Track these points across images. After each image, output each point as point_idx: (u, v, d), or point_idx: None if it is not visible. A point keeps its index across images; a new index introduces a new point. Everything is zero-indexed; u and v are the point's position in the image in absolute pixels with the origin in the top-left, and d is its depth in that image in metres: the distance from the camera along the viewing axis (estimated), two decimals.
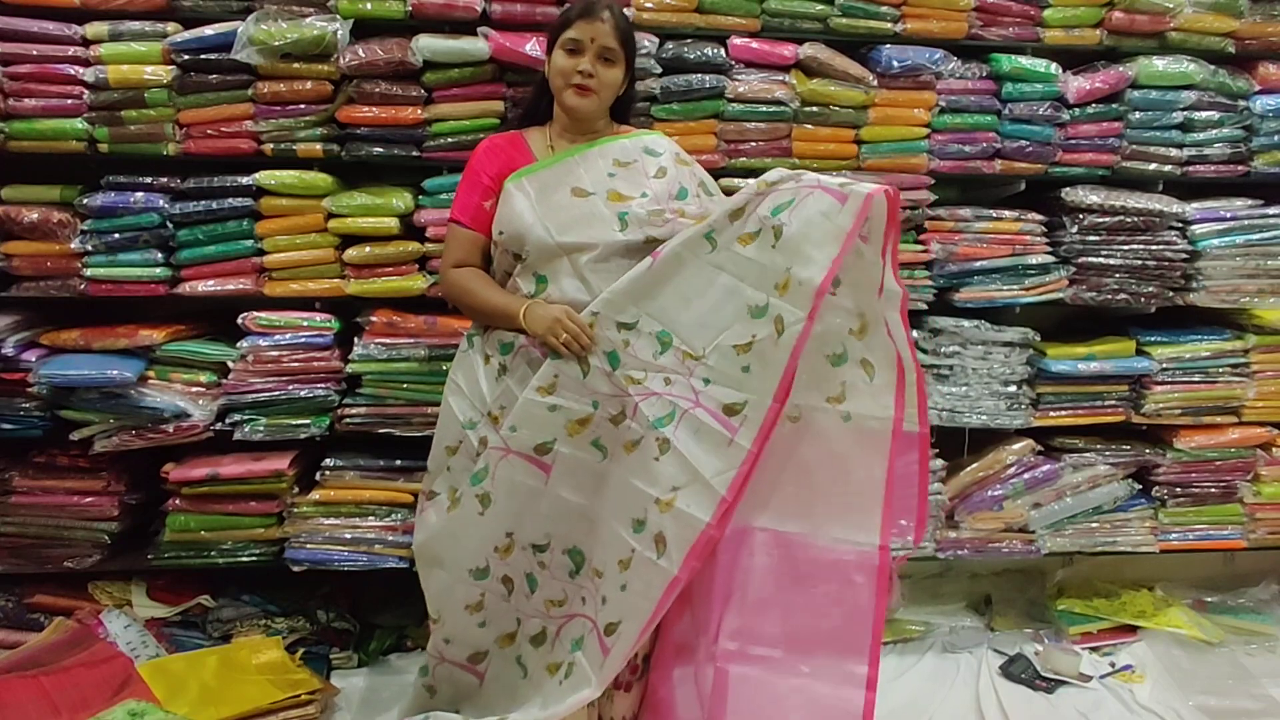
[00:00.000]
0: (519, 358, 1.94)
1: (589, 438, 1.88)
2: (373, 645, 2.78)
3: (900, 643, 2.90)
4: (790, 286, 1.75)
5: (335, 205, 2.58)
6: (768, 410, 1.74)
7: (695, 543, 1.74)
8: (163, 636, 2.66)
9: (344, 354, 2.64)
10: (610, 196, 1.91)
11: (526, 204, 1.91)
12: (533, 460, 1.90)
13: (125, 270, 2.58)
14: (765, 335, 1.76)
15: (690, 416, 1.79)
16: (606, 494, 1.87)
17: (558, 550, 1.93)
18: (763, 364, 1.76)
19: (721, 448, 1.77)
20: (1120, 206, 2.80)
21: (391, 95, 2.56)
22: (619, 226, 1.88)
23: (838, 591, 1.81)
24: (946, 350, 2.81)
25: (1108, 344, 2.89)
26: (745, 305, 1.78)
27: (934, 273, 2.81)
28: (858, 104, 2.72)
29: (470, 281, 2.01)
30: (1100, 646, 2.90)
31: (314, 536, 2.64)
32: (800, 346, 1.73)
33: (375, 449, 2.66)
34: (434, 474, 2.08)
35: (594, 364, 1.84)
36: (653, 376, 1.83)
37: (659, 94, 2.65)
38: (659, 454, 1.79)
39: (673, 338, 1.81)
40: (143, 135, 2.55)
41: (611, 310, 1.84)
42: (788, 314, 1.75)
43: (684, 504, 1.76)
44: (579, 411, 1.87)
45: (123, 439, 2.56)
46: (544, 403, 1.86)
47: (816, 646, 1.81)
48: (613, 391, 1.85)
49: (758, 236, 1.78)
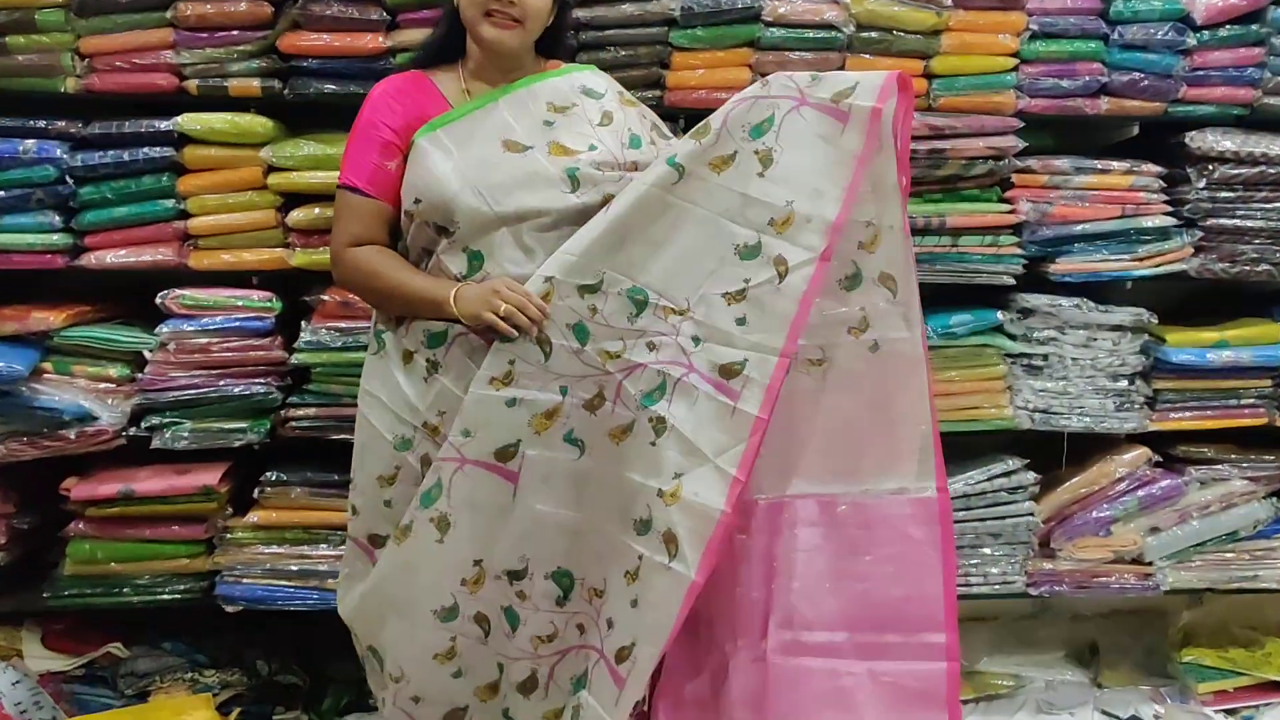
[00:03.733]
0: (455, 348, 1.81)
1: (559, 432, 1.77)
2: (327, 703, 2.61)
3: (984, 700, 2.70)
4: (795, 223, 1.71)
5: (277, 156, 2.37)
6: (774, 368, 1.69)
7: (712, 536, 1.68)
8: (61, 695, 2.50)
9: (288, 342, 2.45)
10: (553, 150, 1.81)
11: (448, 163, 1.78)
12: (495, 469, 1.79)
13: (14, 237, 2.37)
14: (762, 280, 1.71)
15: (684, 386, 1.74)
16: (593, 497, 1.79)
17: (538, 575, 1.83)
18: (761, 313, 1.72)
19: (724, 419, 1.71)
20: (1261, 155, 2.51)
21: (346, 19, 2.34)
22: (569, 187, 1.78)
23: (898, 553, 1.82)
24: (1039, 336, 2.54)
25: (1244, 328, 2.63)
26: (730, 245, 1.73)
27: (1023, 239, 2.52)
28: (927, 28, 2.43)
29: (377, 263, 1.82)
30: (1237, 709, 2.71)
31: (252, 569, 2.47)
32: (814, 291, 1.69)
33: (327, 460, 2.46)
34: (367, 514, 1.92)
35: (556, 342, 1.75)
36: (633, 345, 1.75)
37: (679, 16, 2.39)
38: (655, 437, 1.73)
39: (648, 294, 1.75)
40: (34, 68, 2.33)
41: (569, 273, 1.75)
42: (792, 254, 1.71)
43: (692, 492, 1.70)
44: (544, 402, 1.77)
45: (10, 447, 2.38)
46: (500, 397, 1.75)
47: (883, 621, 1.82)
48: (584, 371, 1.76)
49: (733, 161, 1.74)
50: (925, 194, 2.47)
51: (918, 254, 2.18)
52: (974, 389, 2.54)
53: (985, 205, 2.50)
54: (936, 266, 2.47)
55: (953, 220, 2.45)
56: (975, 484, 2.52)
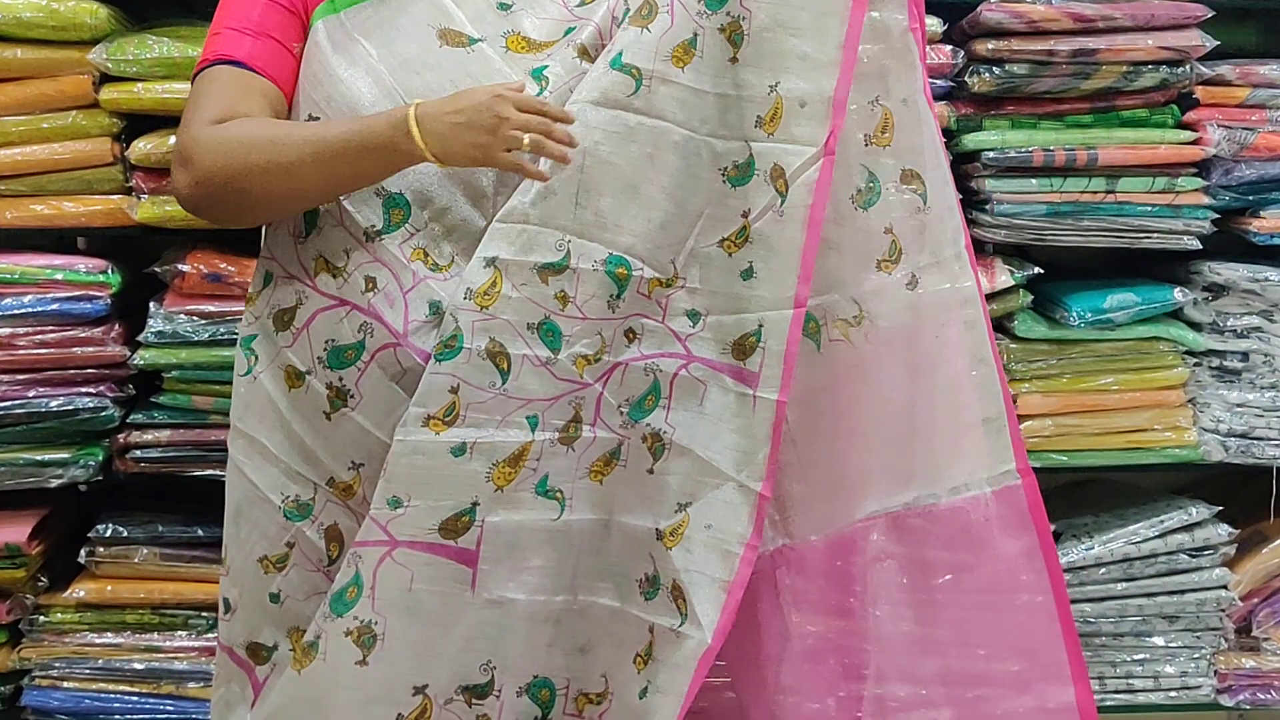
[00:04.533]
0: (373, 370, 1.54)
1: (530, 484, 1.57)
2: None
3: None
4: (784, 113, 1.57)
5: (113, 60, 2.04)
6: (789, 325, 1.55)
7: (734, 581, 1.56)
8: None
9: (129, 332, 2.13)
10: (511, 43, 1.60)
11: (357, 63, 1.54)
12: (441, 550, 1.57)
13: None
14: (763, 206, 1.57)
15: (685, 382, 1.60)
16: (582, 565, 1.63)
17: (508, 691, 1.62)
18: (769, 255, 1.57)
19: (744, 414, 1.58)
20: None
21: None
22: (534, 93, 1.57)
23: (988, 576, 1.65)
24: (1235, 325, 2.21)
25: None
26: (717, 170, 1.58)
27: (1212, 182, 2.17)
28: None
29: (261, 126, 1.48)
30: None
31: (76, 666, 2.14)
32: (821, 203, 1.54)
33: (187, 505, 2.18)
34: (246, 614, 1.67)
35: (516, 352, 1.55)
36: (614, 339, 1.60)
37: None
38: (652, 461, 1.59)
39: (629, 262, 1.57)
40: None
41: (521, 247, 1.54)
42: (789, 157, 1.57)
43: (702, 525, 1.57)
44: (507, 444, 1.55)
45: None
46: (442, 443, 1.53)
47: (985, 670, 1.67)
48: (558, 390, 1.58)
49: (695, 49, 1.55)
50: (1067, 116, 2.10)
51: (1054, 201, 2.00)
52: (1139, 403, 2.18)
53: (1156, 133, 2.16)
54: (1084, 222, 2.10)
55: (1107, 155, 2.08)
56: (1142, 542, 2.16)
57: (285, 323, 1.57)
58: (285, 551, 1.62)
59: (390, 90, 1.51)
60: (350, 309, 1.52)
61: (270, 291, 1.58)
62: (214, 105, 1.47)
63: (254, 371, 1.61)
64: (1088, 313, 2.09)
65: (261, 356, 1.59)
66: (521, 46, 1.58)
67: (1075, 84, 2.05)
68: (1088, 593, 2.11)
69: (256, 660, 1.65)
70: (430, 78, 1.52)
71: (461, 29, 1.56)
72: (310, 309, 1.53)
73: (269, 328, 1.58)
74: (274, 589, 1.62)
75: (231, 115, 1.47)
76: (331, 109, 1.51)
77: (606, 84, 1.54)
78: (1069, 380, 2.09)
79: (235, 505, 1.65)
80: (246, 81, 1.50)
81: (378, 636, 1.56)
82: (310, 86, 1.51)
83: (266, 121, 1.51)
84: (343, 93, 1.50)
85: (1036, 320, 2.07)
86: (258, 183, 1.45)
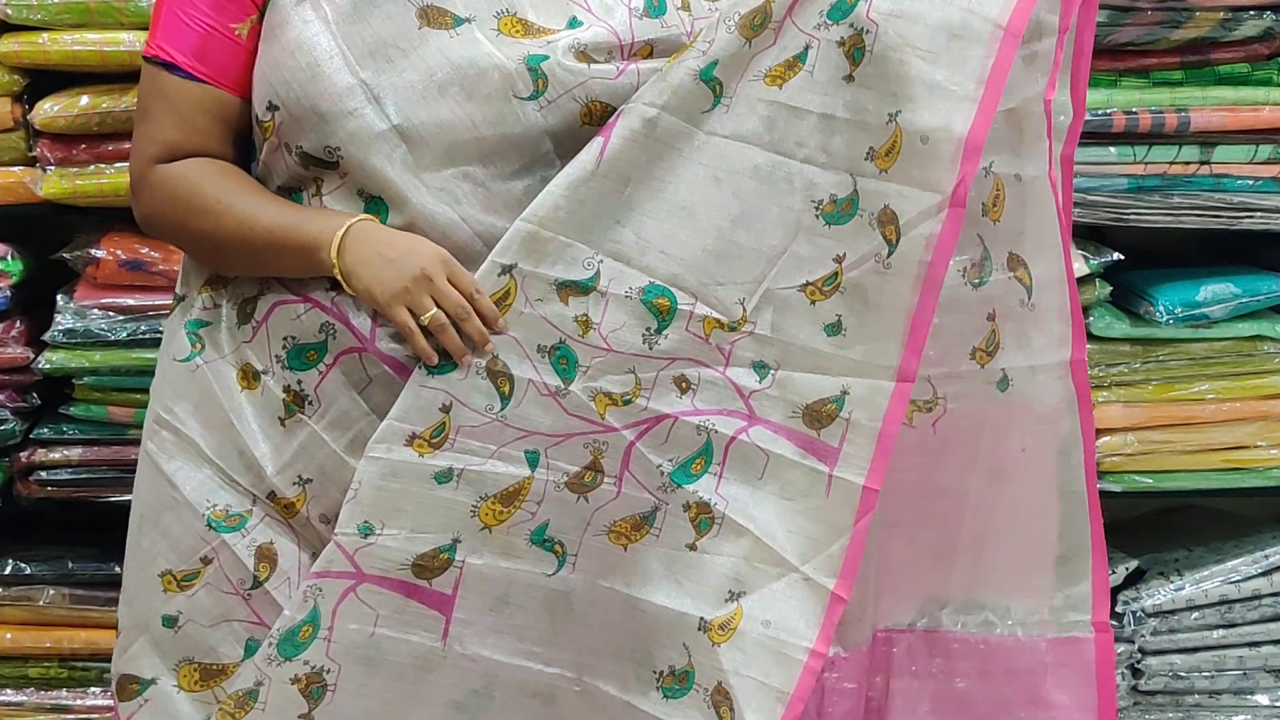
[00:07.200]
0: (335, 375, 1.41)
1: (525, 528, 1.43)
2: None
3: None
4: (902, 147, 1.41)
5: (12, 5, 1.88)
6: (889, 401, 1.42)
7: (795, 693, 1.42)
8: None
9: (32, 331, 2.00)
10: (505, 25, 1.42)
11: (324, 43, 1.37)
12: (413, 591, 1.42)
13: None
14: (865, 253, 1.42)
15: (744, 449, 1.46)
16: (582, 636, 1.47)
17: None
18: (864, 311, 1.45)
19: (814, 494, 1.46)
20: None
21: None
22: (529, 91, 1.39)
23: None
24: None
25: None
26: (808, 202, 1.44)
27: None
28: None
29: (202, 181, 1.43)
30: None
31: None
32: (942, 264, 1.41)
33: (99, 536, 2.03)
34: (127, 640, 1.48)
35: (522, 376, 1.40)
36: (653, 382, 1.45)
37: None
38: (696, 535, 1.46)
39: (675, 295, 1.43)
40: None
41: (540, 258, 1.41)
42: (904, 202, 1.41)
43: (760, 621, 1.44)
44: (501, 478, 1.41)
45: None
46: (425, 467, 1.39)
47: None
48: (569, 427, 1.43)
49: (803, 64, 1.43)
50: (1153, 72, 1.96)
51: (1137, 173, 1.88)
52: (1240, 414, 2.03)
53: (1260, 92, 1.97)
54: (1173, 199, 1.95)
55: (1201, 119, 1.93)
56: (1243, 581, 2.03)
57: (247, 315, 1.47)
58: (198, 568, 1.47)
59: (357, 76, 1.40)
60: (311, 306, 1.41)
61: (233, 277, 1.51)
62: (163, 131, 1.44)
63: (198, 359, 1.47)
64: (1178, 307, 1.95)
65: (211, 346, 1.47)
66: (517, 30, 1.45)
67: (1163, 34, 1.90)
68: (1178, 641, 1.98)
69: (122, 696, 1.49)
70: (404, 66, 1.41)
71: (447, 6, 1.44)
72: (270, 300, 1.44)
73: (231, 318, 1.47)
74: (171, 611, 1.47)
75: (181, 149, 1.43)
76: (292, 95, 1.41)
77: (680, 93, 1.43)
78: (1155, 388, 1.95)
79: (143, 510, 1.51)
80: (190, 95, 1.44)
81: (327, 687, 1.42)
82: (270, 66, 1.41)
83: (212, 180, 1.45)
84: (305, 73, 1.39)
85: (1116, 316, 1.90)
86: (191, 246, 1.48)
